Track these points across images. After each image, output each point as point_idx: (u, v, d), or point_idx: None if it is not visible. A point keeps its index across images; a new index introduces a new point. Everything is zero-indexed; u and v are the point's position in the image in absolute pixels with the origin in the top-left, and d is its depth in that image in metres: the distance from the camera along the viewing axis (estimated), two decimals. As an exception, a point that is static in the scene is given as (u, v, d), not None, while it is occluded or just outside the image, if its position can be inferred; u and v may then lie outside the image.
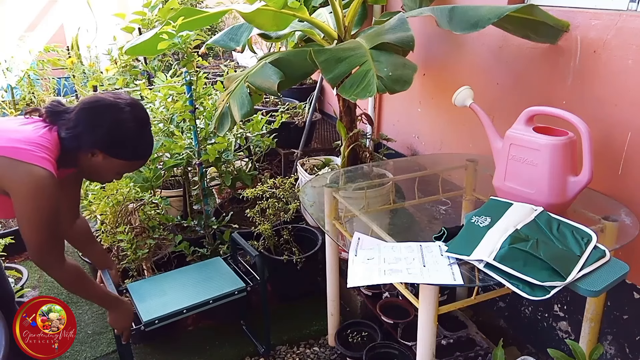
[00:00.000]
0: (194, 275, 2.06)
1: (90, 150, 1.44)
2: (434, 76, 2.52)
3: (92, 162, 1.47)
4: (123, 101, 1.47)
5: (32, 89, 4.07)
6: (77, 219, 1.81)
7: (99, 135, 1.42)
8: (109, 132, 1.43)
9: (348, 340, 2.16)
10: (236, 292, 1.96)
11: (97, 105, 1.45)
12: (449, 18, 1.79)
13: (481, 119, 1.66)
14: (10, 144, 1.34)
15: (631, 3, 1.56)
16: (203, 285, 1.98)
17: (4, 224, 3.09)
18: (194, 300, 1.87)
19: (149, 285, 1.99)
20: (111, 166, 1.49)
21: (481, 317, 2.23)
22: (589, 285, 1.16)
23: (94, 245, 1.92)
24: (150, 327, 1.78)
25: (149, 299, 1.90)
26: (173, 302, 1.87)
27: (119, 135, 1.45)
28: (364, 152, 2.48)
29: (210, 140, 2.46)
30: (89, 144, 1.43)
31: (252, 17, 1.96)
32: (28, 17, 5.46)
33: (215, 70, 4.56)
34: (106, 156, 1.46)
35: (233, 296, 1.95)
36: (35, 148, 1.35)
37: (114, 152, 1.46)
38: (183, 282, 2.01)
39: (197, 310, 1.88)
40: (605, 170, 1.65)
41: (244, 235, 2.48)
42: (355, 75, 1.69)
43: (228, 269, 2.09)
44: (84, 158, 1.46)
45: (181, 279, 2.03)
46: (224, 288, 1.95)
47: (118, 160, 1.49)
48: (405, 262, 1.30)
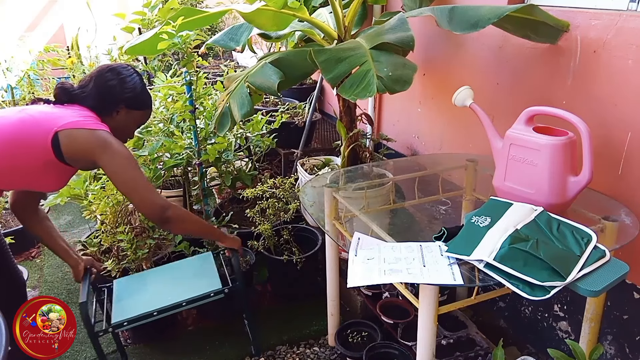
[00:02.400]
0: (179, 272, 2.02)
1: (115, 109, 1.70)
2: (434, 76, 2.52)
3: (117, 120, 1.71)
4: (123, 64, 1.78)
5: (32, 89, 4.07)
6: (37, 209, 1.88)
7: (119, 91, 1.68)
8: (125, 87, 1.69)
9: (348, 340, 2.16)
10: (212, 294, 1.87)
11: (107, 70, 1.70)
12: (449, 18, 1.79)
13: (481, 119, 1.66)
14: (79, 118, 1.58)
15: (631, 3, 1.56)
16: (183, 285, 1.91)
17: (4, 224, 3.09)
18: (167, 302, 1.80)
19: (134, 283, 1.97)
20: (132, 119, 1.76)
21: (481, 317, 2.23)
22: (589, 285, 1.16)
23: (58, 238, 1.92)
24: (119, 328, 1.75)
25: (126, 297, 1.86)
26: (146, 303, 1.81)
27: (134, 89, 1.72)
28: (364, 152, 2.48)
29: (210, 140, 2.46)
30: (113, 103, 1.69)
31: (252, 17, 1.96)
32: (28, 17, 5.46)
33: (215, 70, 4.57)
34: (128, 110, 1.72)
35: (208, 298, 1.86)
36: (92, 119, 1.62)
37: (133, 104, 1.73)
38: (166, 280, 1.98)
39: (170, 312, 1.81)
40: (605, 170, 1.65)
41: (244, 235, 2.49)
42: (355, 75, 1.69)
43: (213, 268, 2.01)
44: (110, 119, 1.69)
45: (165, 276, 2.00)
46: (201, 289, 1.87)
47: (137, 112, 1.76)
48: (405, 262, 1.30)
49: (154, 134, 2.48)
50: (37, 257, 3.07)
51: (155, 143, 2.38)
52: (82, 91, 1.67)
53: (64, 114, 1.58)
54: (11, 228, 3.03)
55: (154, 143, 2.39)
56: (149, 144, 2.45)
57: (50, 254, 3.06)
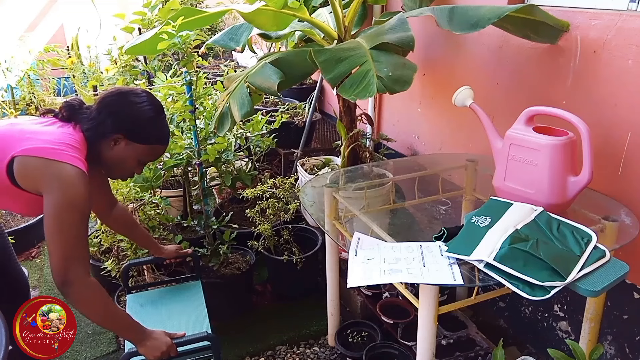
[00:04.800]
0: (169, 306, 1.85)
1: (112, 138, 1.46)
2: (434, 76, 2.52)
3: (114, 151, 1.48)
4: (138, 89, 1.54)
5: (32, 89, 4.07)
6: (114, 206, 1.82)
7: (119, 117, 1.46)
8: (128, 114, 1.47)
9: (348, 340, 2.16)
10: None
11: (115, 93, 1.51)
12: (449, 18, 1.79)
13: (481, 119, 1.66)
14: (44, 144, 1.36)
15: (631, 3, 1.56)
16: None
17: (5, 224, 3.09)
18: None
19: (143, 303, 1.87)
20: (134, 153, 1.50)
21: (481, 317, 2.23)
22: (589, 285, 1.16)
23: (137, 228, 1.91)
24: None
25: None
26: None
27: (139, 117, 1.48)
28: (364, 152, 2.48)
29: (210, 140, 2.46)
30: (111, 130, 1.45)
31: (252, 17, 1.96)
32: (28, 17, 5.46)
33: (215, 70, 4.56)
34: (128, 142, 1.48)
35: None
36: (66, 147, 1.38)
37: (135, 136, 1.48)
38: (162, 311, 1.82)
39: None
40: (605, 170, 1.65)
41: (244, 235, 2.49)
42: (355, 75, 1.69)
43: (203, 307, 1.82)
44: (107, 148, 1.48)
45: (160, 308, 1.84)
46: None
47: (140, 145, 1.50)
48: (405, 262, 1.30)
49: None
50: (37, 257, 3.07)
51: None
52: (84, 111, 1.49)
53: (36, 137, 1.38)
54: (11, 228, 3.03)
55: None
56: (149, 144, 2.45)
57: (50, 254, 3.06)
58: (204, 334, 1.52)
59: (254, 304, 2.55)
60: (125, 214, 1.88)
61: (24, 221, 3.14)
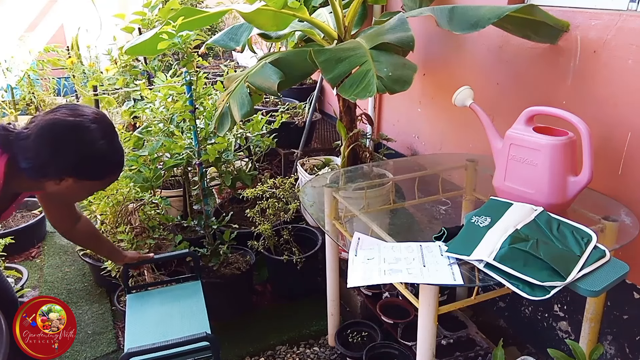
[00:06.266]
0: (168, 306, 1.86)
1: (58, 178, 1.30)
2: (434, 76, 2.52)
3: (60, 187, 1.32)
4: (86, 118, 1.30)
5: (32, 89, 4.08)
6: (78, 220, 1.75)
7: (67, 162, 1.28)
8: (78, 157, 1.29)
9: (348, 340, 2.16)
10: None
11: (58, 130, 1.26)
12: (449, 18, 1.79)
13: (481, 119, 1.66)
14: None
15: (631, 3, 1.56)
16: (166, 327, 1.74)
17: (4, 224, 3.09)
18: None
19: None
20: (83, 188, 1.38)
21: (481, 317, 2.23)
22: (589, 285, 1.16)
23: (100, 239, 1.89)
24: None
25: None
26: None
27: (90, 158, 1.31)
28: (364, 152, 2.48)
29: (210, 140, 2.46)
30: (56, 173, 1.29)
31: (252, 17, 1.96)
32: (28, 17, 5.47)
33: (215, 70, 4.56)
34: (77, 180, 1.32)
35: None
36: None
37: (86, 175, 1.34)
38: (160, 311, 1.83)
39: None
40: (605, 170, 1.65)
41: (244, 235, 2.49)
42: (355, 75, 1.69)
43: (203, 307, 1.81)
44: (51, 185, 1.32)
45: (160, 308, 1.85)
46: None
47: (90, 182, 1.37)
48: (405, 262, 1.30)
49: (154, 134, 2.48)
50: (37, 257, 3.07)
51: (155, 143, 2.38)
52: (19, 138, 1.26)
53: None
54: (11, 228, 3.03)
55: (154, 143, 2.39)
56: (149, 144, 2.45)
57: (50, 253, 3.06)
58: (203, 334, 1.53)
59: (254, 304, 2.55)
60: (88, 227, 1.80)
61: (24, 221, 3.15)
